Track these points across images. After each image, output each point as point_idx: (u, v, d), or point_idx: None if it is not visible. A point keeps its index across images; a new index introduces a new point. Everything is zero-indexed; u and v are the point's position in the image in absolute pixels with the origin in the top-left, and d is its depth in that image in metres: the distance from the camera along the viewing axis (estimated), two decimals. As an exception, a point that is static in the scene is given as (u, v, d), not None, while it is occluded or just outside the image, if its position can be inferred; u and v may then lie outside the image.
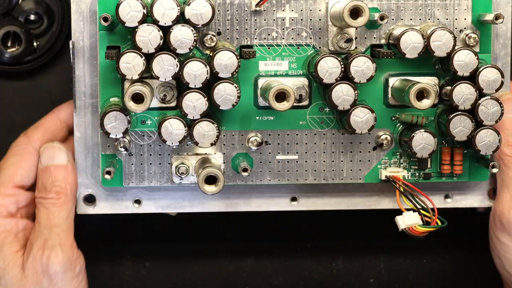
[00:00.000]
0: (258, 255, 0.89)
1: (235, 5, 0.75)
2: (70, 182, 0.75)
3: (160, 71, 0.71)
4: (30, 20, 0.82)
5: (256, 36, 0.75)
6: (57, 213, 0.74)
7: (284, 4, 0.75)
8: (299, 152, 0.77)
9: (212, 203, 0.79)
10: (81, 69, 0.76)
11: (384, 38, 0.76)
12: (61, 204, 0.74)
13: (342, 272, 0.89)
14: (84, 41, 0.75)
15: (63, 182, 0.75)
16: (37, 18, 0.82)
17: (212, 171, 0.73)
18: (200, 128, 0.73)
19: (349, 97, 0.73)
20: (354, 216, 0.82)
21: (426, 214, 0.74)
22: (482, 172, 0.78)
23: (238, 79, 0.75)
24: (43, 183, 0.75)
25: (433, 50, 0.73)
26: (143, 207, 0.79)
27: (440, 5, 0.76)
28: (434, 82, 0.76)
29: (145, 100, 0.72)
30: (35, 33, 0.82)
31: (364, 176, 0.77)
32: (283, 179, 0.77)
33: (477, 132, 0.74)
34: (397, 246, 0.89)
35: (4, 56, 0.81)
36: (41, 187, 0.75)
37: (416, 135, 0.74)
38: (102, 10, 0.74)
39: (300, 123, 0.76)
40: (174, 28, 0.71)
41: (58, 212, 0.74)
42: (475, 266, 0.90)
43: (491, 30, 0.76)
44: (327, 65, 0.73)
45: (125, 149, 0.75)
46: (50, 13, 0.82)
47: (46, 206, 0.74)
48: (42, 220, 0.74)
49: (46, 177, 0.75)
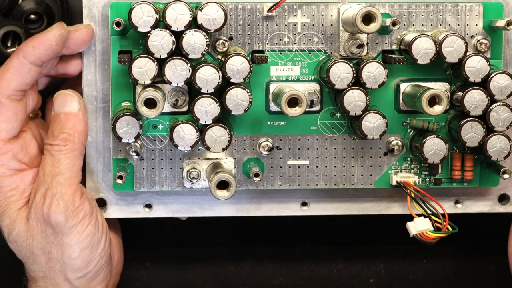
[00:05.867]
0: (258, 255, 0.89)
1: (247, 10, 0.75)
2: (79, 130, 0.74)
3: (173, 76, 0.71)
4: (30, 20, 0.82)
5: (268, 41, 0.75)
6: (62, 161, 0.73)
7: (296, 10, 0.75)
8: (310, 157, 0.77)
9: (222, 208, 0.79)
10: (92, 74, 0.76)
11: (395, 43, 0.76)
12: (66, 152, 0.74)
13: (342, 272, 0.89)
14: (96, 45, 0.75)
15: (72, 129, 0.74)
16: (37, 18, 0.82)
17: (224, 176, 0.73)
18: (212, 133, 0.73)
19: (361, 102, 0.73)
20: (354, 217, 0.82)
21: (437, 220, 0.74)
22: (493, 178, 0.78)
23: (249, 84, 0.75)
24: (52, 130, 0.74)
25: (445, 56, 0.73)
26: (153, 212, 0.79)
27: (451, 11, 0.76)
28: (446, 88, 0.76)
29: (157, 105, 0.72)
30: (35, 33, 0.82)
31: (375, 181, 0.77)
32: (294, 184, 0.77)
33: (488, 138, 0.74)
34: (397, 246, 0.89)
35: (4, 56, 0.81)
36: (50, 134, 0.74)
37: (428, 141, 0.74)
38: (114, 15, 0.74)
39: (311, 128, 0.77)
40: (186, 33, 0.71)
41: (63, 159, 0.73)
42: (475, 266, 0.90)
43: (502, 36, 0.77)
44: (339, 70, 0.73)
45: (137, 154, 0.75)
46: (50, 13, 0.82)
47: (51, 153, 0.74)
48: (46, 167, 0.74)
49: (56, 124, 0.74)
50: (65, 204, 0.73)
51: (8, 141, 0.74)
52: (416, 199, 0.75)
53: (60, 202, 0.73)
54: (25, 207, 0.74)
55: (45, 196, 0.73)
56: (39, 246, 0.74)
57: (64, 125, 0.74)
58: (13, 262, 0.83)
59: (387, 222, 0.84)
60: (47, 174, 0.73)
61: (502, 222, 0.85)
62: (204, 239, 0.88)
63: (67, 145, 0.74)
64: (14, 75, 0.73)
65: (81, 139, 0.74)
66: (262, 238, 0.88)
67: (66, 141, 0.74)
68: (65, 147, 0.74)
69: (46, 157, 0.74)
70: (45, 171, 0.74)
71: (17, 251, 0.75)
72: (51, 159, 0.74)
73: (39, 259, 0.75)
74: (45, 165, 0.74)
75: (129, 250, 0.86)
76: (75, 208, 0.73)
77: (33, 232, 0.74)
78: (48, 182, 0.73)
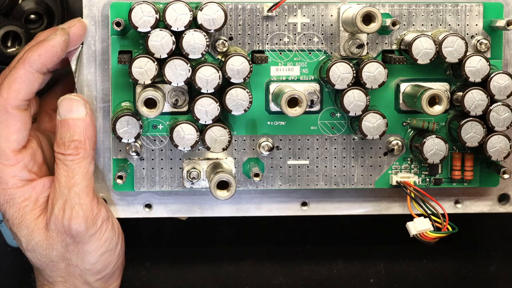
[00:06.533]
0: (258, 255, 0.89)
1: (247, 10, 0.75)
2: (89, 135, 0.74)
3: (173, 76, 0.71)
4: (30, 20, 0.82)
5: (267, 41, 0.75)
6: (76, 170, 0.73)
7: (295, 10, 0.75)
8: (310, 157, 0.77)
9: (222, 208, 0.79)
10: (92, 74, 0.76)
11: (395, 43, 0.76)
12: (80, 160, 0.73)
13: (342, 272, 0.89)
14: (96, 45, 0.75)
15: (82, 136, 0.74)
16: (37, 18, 0.82)
17: (224, 176, 0.73)
18: (212, 133, 0.73)
19: (361, 102, 0.73)
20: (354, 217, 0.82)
21: (437, 220, 0.74)
22: (493, 177, 0.78)
23: (249, 84, 0.75)
24: (62, 137, 0.74)
25: (445, 56, 0.73)
26: (153, 212, 0.79)
27: (451, 11, 0.76)
28: (445, 87, 0.76)
29: (157, 105, 0.72)
30: (35, 33, 0.82)
31: (375, 181, 0.77)
32: (294, 184, 0.77)
33: (488, 138, 0.74)
34: (397, 247, 0.89)
35: (4, 56, 0.81)
36: (60, 142, 0.74)
37: (428, 141, 0.74)
38: (114, 15, 0.74)
39: (311, 128, 0.77)
40: (186, 33, 0.71)
41: (77, 169, 0.73)
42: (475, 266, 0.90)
43: (502, 36, 0.76)
44: (339, 70, 0.73)
45: (137, 154, 0.75)
46: (50, 13, 0.82)
47: (65, 163, 0.73)
48: (61, 178, 0.74)
49: (65, 131, 0.74)
50: (84, 214, 0.73)
51: (18, 152, 0.74)
52: (416, 199, 0.75)
53: (80, 213, 0.73)
54: (42, 216, 0.74)
55: (64, 208, 0.73)
56: (58, 254, 0.74)
57: (74, 132, 0.74)
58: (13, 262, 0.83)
59: (387, 222, 0.84)
60: (63, 185, 0.73)
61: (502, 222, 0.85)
62: (204, 239, 0.88)
63: (79, 153, 0.73)
64: (22, 85, 0.73)
65: (91, 144, 0.74)
66: (262, 238, 0.88)
67: (78, 149, 0.73)
68: (77, 156, 0.73)
69: (60, 167, 0.74)
70: (61, 182, 0.74)
71: (34, 259, 0.75)
72: (65, 169, 0.73)
73: (58, 265, 0.75)
74: (60, 176, 0.74)
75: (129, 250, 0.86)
76: (94, 216, 0.74)
77: (53, 242, 0.74)
78: (66, 194, 0.73)
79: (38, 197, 0.75)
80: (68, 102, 0.74)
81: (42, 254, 0.74)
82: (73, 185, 0.73)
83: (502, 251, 0.90)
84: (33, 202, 0.74)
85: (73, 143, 0.73)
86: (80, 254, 0.74)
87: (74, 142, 0.73)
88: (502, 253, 0.90)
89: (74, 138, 0.73)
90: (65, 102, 0.74)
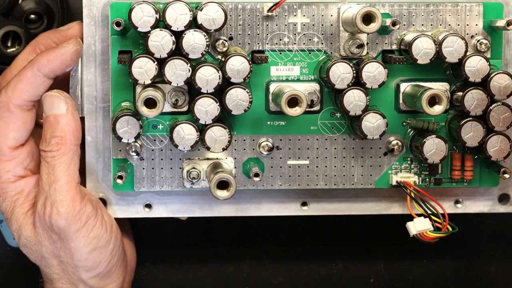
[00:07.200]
0: (258, 255, 0.89)
1: (247, 10, 0.75)
2: (70, 130, 0.74)
3: (173, 76, 0.71)
4: (30, 20, 0.82)
5: (267, 41, 0.75)
6: (56, 167, 0.73)
7: (295, 10, 0.75)
8: (310, 157, 0.77)
9: (222, 208, 0.79)
10: (92, 74, 0.76)
11: (395, 43, 0.76)
12: (60, 156, 0.73)
13: (342, 272, 0.89)
14: (96, 45, 0.75)
15: (62, 132, 0.74)
16: (37, 18, 0.82)
17: (224, 176, 0.73)
18: (212, 133, 0.73)
19: (361, 102, 0.73)
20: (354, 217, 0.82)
21: (437, 220, 0.74)
22: (493, 177, 0.78)
23: (249, 84, 0.75)
24: (44, 134, 0.74)
25: (445, 56, 0.73)
26: (153, 212, 0.79)
27: (451, 11, 0.76)
28: (445, 87, 0.76)
29: (157, 105, 0.72)
30: (35, 33, 0.82)
31: (375, 181, 0.77)
32: (294, 184, 0.77)
33: (488, 138, 0.74)
34: (397, 246, 0.89)
35: (4, 56, 0.81)
36: (43, 139, 0.74)
37: (428, 141, 0.74)
38: (114, 14, 0.74)
39: (311, 128, 0.77)
40: (186, 33, 0.71)
41: (57, 165, 0.73)
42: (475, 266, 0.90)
43: (502, 36, 0.77)
44: (339, 70, 0.73)
45: (137, 154, 0.75)
46: (50, 13, 0.82)
47: (46, 160, 0.74)
48: (43, 175, 0.74)
49: (47, 127, 0.74)
50: (65, 210, 0.73)
51: (15, 149, 0.75)
52: (416, 199, 0.75)
53: (60, 209, 0.73)
54: (30, 211, 0.75)
55: (45, 205, 0.73)
56: (48, 251, 0.75)
57: (55, 128, 0.74)
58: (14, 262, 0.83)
59: (387, 222, 0.84)
60: (45, 182, 0.74)
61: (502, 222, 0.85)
62: (204, 239, 0.88)
63: (59, 149, 0.73)
64: (27, 86, 0.73)
65: (73, 139, 0.74)
66: (262, 238, 0.88)
67: (58, 145, 0.73)
68: (58, 152, 0.73)
69: (42, 164, 0.74)
70: (43, 179, 0.74)
71: (28, 255, 0.76)
72: (46, 166, 0.74)
73: (50, 262, 0.75)
74: (42, 173, 0.74)
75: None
76: (77, 212, 0.73)
77: (40, 238, 0.75)
78: (47, 191, 0.73)
79: (30, 191, 0.75)
80: (50, 99, 0.74)
81: (33, 249, 0.75)
82: (53, 181, 0.73)
83: (502, 251, 0.90)
84: (24, 195, 0.75)
85: (53, 139, 0.74)
86: (67, 251, 0.74)
87: (55, 139, 0.74)
88: (502, 253, 0.90)
89: (55, 134, 0.74)
90: (47, 99, 0.74)
